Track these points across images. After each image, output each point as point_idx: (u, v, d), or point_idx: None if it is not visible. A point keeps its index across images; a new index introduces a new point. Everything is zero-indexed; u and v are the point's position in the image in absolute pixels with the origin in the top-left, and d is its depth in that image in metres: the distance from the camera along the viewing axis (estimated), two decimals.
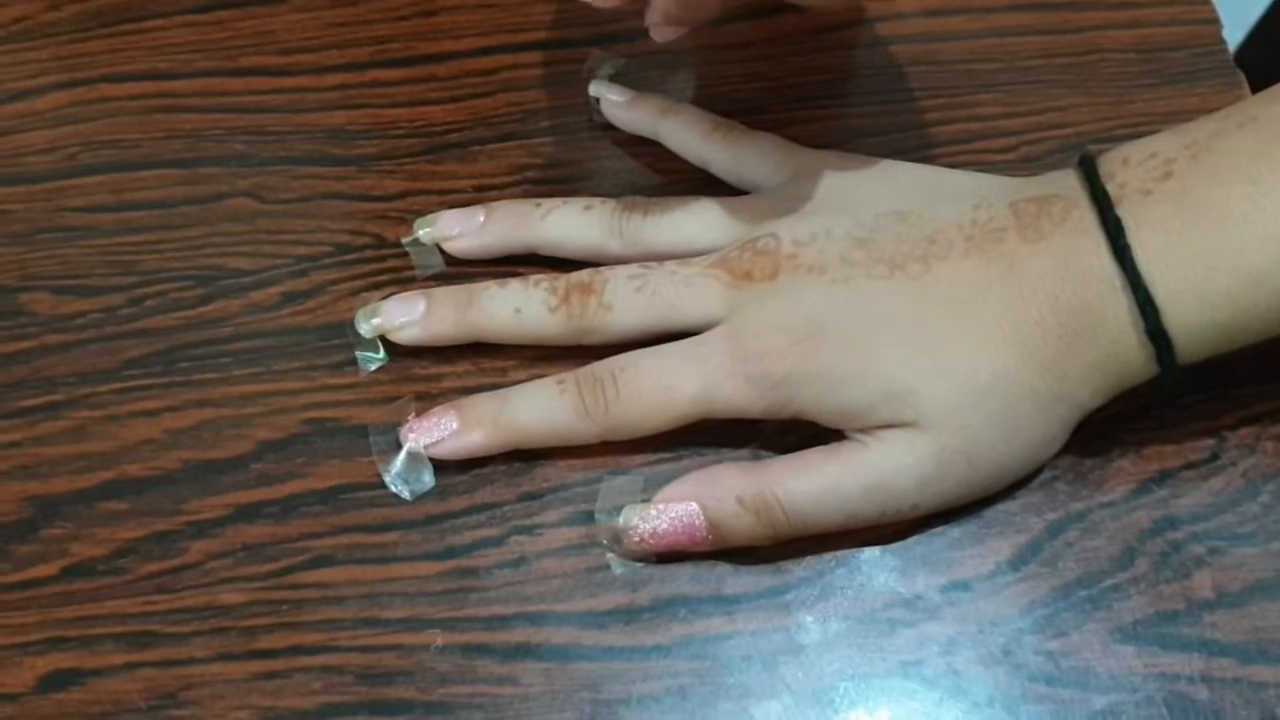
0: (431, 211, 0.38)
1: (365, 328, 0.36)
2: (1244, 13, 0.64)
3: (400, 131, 0.41)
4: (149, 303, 0.37)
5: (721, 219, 0.35)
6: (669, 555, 0.33)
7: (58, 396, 0.36)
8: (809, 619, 0.32)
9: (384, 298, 0.36)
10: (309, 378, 0.36)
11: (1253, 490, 0.33)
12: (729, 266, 0.34)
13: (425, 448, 0.34)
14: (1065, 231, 0.31)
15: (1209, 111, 0.32)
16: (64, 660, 0.32)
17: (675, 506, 0.32)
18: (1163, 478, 0.34)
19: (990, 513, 0.33)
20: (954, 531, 0.33)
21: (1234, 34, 0.55)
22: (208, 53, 0.42)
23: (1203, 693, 0.31)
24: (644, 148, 0.40)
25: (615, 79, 0.40)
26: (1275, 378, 0.35)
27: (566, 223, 0.36)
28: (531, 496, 0.34)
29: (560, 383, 0.34)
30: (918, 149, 0.39)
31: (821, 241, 0.33)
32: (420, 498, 0.34)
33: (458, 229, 0.37)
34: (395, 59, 0.42)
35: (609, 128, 0.40)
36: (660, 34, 0.36)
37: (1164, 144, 0.32)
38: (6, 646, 0.33)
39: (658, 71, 0.41)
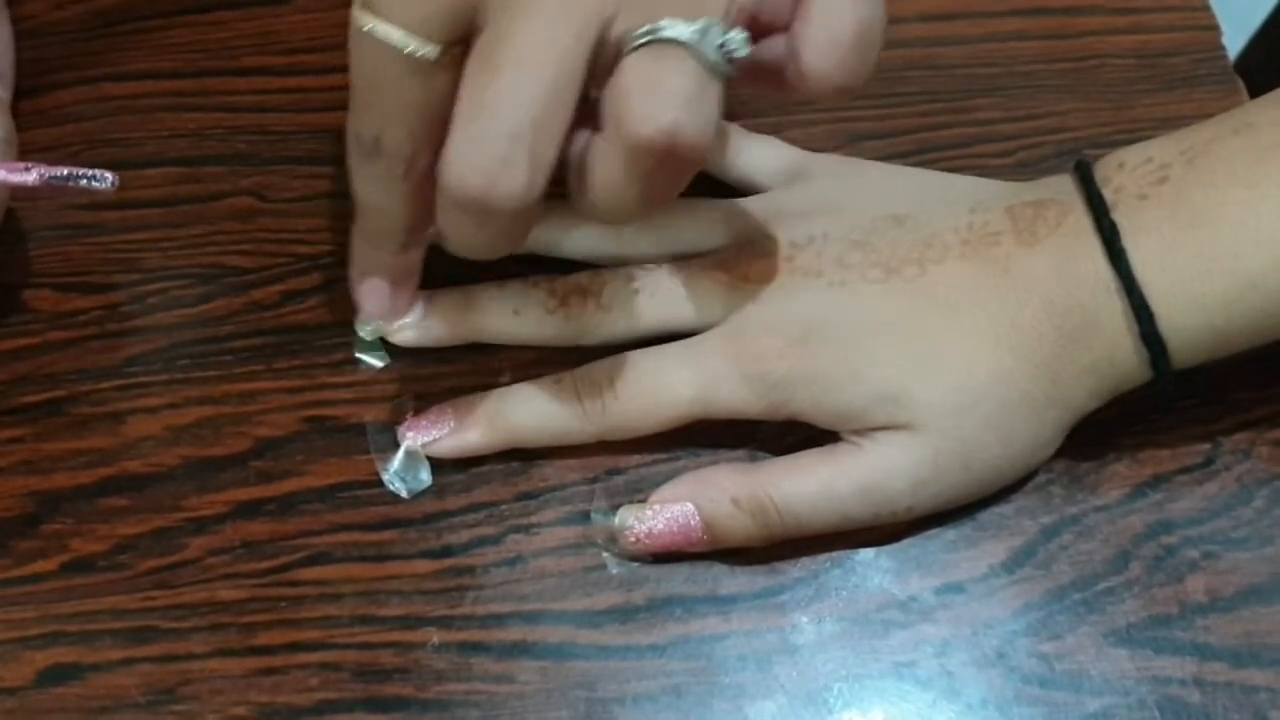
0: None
1: (365, 329, 0.36)
2: (1245, 19, 0.64)
3: None
4: (151, 300, 0.38)
5: (720, 221, 0.36)
6: (665, 555, 0.33)
7: (60, 393, 0.36)
8: (804, 620, 0.33)
9: None
10: (309, 376, 0.36)
11: (1246, 495, 0.33)
12: (727, 268, 0.34)
13: (423, 446, 0.34)
14: (1061, 236, 0.32)
15: (1207, 117, 0.32)
16: (63, 655, 0.33)
17: (671, 507, 0.33)
18: (1157, 482, 0.34)
19: (985, 515, 0.33)
20: (949, 534, 0.33)
21: (1235, 40, 0.55)
22: (210, 52, 0.42)
23: (1195, 696, 0.31)
24: None
25: None
26: (1271, 383, 0.35)
27: (565, 223, 0.37)
28: (528, 496, 0.34)
29: (558, 382, 0.34)
30: (916, 153, 0.39)
31: (819, 244, 0.33)
32: (418, 496, 0.34)
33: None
34: None
35: None
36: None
37: (1160, 149, 0.32)
38: (6, 641, 0.33)
39: None
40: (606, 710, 0.32)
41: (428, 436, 0.34)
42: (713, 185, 0.38)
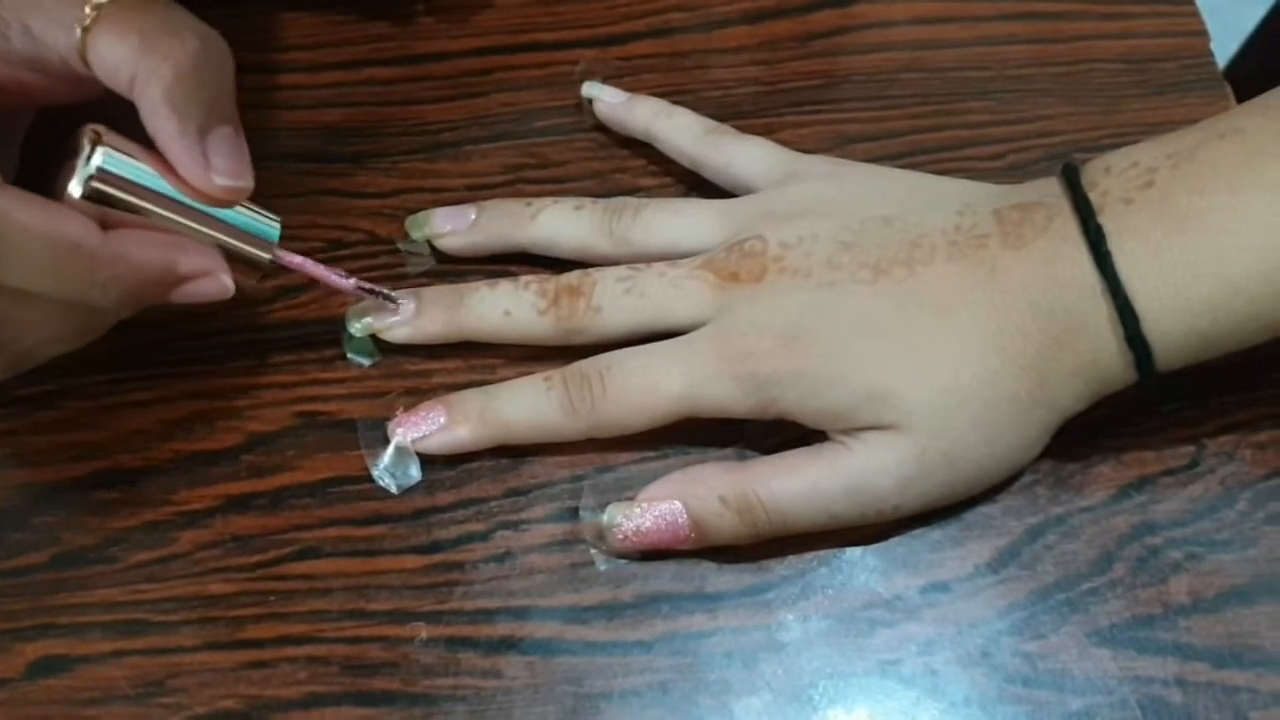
0: (424, 209, 0.38)
1: (356, 326, 0.36)
2: (1235, 27, 0.64)
3: (394, 130, 0.41)
4: None
5: (710, 221, 0.36)
6: (652, 553, 0.33)
7: (51, 386, 0.36)
8: (790, 617, 0.33)
9: None
10: (300, 371, 0.37)
11: (1230, 497, 0.34)
12: (716, 268, 0.34)
13: (413, 442, 0.34)
14: (1048, 239, 0.32)
15: (1195, 122, 0.33)
16: (54, 647, 0.33)
17: (659, 505, 0.33)
18: (1142, 483, 0.34)
19: (970, 515, 0.34)
20: (934, 533, 0.33)
21: (1227, 46, 0.56)
22: None
23: (1177, 696, 0.31)
24: (636, 149, 0.40)
25: (608, 81, 0.40)
26: (1255, 386, 0.35)
27: (556, 222, 0.37)
28: (518, 492, 0.35)
29: (547, 379, 0.34)
30: (907, 155, 0.39)
31: (808, 244, 0.34)
32: (407, 492, 0.35)
33: (449, 226, 0.38)
34: (390, 58, 0.42)
35: (601, 129, 0.40)
36: None
37: (1146, 153, 0.32)
38: None
39: (650, 75, 0.42)
40: (593, 706, 0.32)
41: (418, 432, 0.34)
42: (704, 185, 0.38)
